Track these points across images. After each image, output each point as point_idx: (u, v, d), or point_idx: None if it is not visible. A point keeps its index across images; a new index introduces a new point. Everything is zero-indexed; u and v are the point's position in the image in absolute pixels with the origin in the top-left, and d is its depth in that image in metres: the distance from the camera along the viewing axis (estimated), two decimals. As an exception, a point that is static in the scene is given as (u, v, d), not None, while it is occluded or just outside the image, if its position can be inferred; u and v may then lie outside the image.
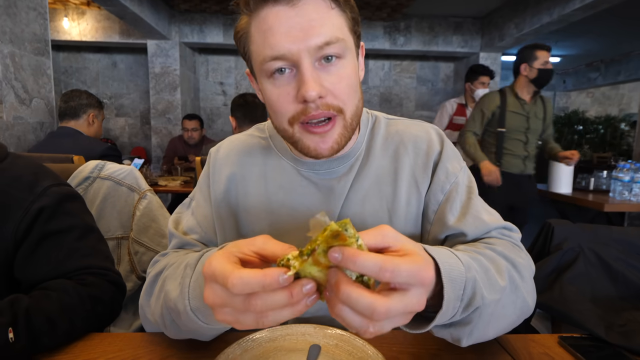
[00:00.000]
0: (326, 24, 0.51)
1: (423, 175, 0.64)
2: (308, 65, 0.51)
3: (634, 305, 0.71)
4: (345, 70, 0.54)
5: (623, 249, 0.79)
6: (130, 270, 1.12)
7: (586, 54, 7.70)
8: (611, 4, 3.70)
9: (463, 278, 0.43)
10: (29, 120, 2.05)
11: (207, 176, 0.69)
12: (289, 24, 0.51)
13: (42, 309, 0.57)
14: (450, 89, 6.54)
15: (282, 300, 0.34)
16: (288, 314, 0.35)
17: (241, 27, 0.56)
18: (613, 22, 5.46)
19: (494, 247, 0.54)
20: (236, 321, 0.37)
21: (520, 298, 0.51)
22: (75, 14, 5.13)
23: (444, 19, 5.47)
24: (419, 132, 0.67)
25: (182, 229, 0.67)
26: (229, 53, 6.21)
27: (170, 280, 0.53)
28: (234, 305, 0.36)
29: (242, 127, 2.19)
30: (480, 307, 0.45)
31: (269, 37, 0.51)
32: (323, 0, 0.52)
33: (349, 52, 0.55)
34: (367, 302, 0.32)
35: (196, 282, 0.48)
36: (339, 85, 0.53)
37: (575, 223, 0.84)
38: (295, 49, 0.51)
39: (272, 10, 0.51)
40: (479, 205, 0.61)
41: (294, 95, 0.53)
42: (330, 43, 0.51)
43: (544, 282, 0.76)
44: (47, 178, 0.72)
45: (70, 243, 0.69)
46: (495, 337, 0.53)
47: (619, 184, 2.32)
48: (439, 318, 0.42)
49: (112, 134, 6.40)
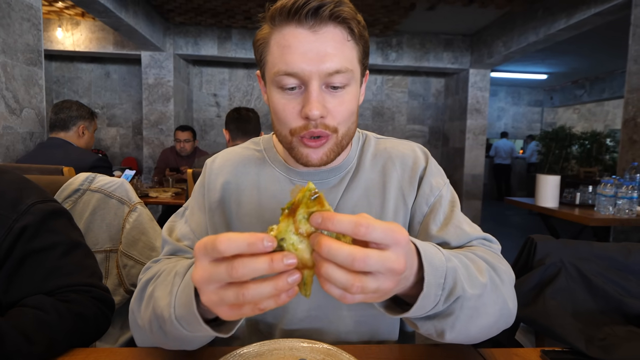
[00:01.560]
0: (339, 54, 0.57)
1: (409, 189, 0.68)
2: (316, 87, 0.57)
3: (614, 320, 0.73)
4: (347, 97, 0.59)
5: (603, 264, 0.81)
6: (119, 284, 1.11)
7: (572, 71, 7.93)
8: (594, 25, 3.84)
9: (444, 267, 0.46)
10: (18, 130, 2.04)
11: (202, 185, 0.71)
12: (307, 47, 0.56)
13: (17, 325, 0.56)
14: (441, 103, 6.67)
15: (263, 266, 0.35)
16: (269, 289, 0.36)
17: (262, 35, 0.61)
18: (597, 42, 5.66)
19: (475, 252, 0.58)
20: (219, 300, 0.38)
21: (501, 299, 0.53)
22: (70, 24, 5.15)
23: (434, 36, 5.61)
24: (406, 149, 0.72)
25: (176, 235, 0.68)
26: (223, 65, 6.26)
27: (159, 288, 0.54)
28: (218, 275, 0.37)
29: (236, 140, 2.21)
30: (462, 297, 0.47)
31: (286, 54, 0.56)
32: (341, 32, 0.57)
33: (354, 82, 0.60)
34: (346, 251, 0.35)
35: (183, 292, 0.48)
36: (339, 108, 0.59)
37: (559, 238, 0.87)
38: (308, 71, 0.56)
39: (294, 31, 0.56)
40: (461, 218, 0.66)
41: (299, 111, 0.58)
42: (339, 72, 0.57)
43: (527, 297, 0.78)
44: (32, 195, 0.71)
45: (54, 261, 0.68)
46: (476, 337, 0.53)
47: (603, 199, 2.37)
48: (420, 301, 0.44)
49: (104, 144, 6.36)
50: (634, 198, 2.28)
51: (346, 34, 0.58)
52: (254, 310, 0.38)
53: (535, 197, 2.67)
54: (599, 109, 9.86)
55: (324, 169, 0.68)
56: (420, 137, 6.68)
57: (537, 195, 2.63)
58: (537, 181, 2.66)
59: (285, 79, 0.57)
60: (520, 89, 9.71)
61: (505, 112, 9.75)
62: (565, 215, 2.42)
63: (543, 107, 9.97)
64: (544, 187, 2.59)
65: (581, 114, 10.14)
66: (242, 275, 0.36)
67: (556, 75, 8.18)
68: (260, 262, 0.35)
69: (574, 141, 7.98)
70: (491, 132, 9.59)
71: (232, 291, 0.37)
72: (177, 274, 0.52)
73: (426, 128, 6.68)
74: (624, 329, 0.71)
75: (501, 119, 9.76)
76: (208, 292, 0.39)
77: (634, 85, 2.90)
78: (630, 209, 2.29)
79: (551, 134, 8.33)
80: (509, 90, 9.65)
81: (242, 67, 6.30)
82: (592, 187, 2.65)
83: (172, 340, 0.53)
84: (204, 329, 0.46)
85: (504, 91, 9.62)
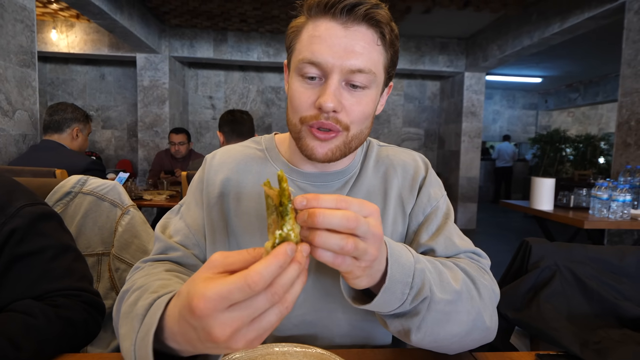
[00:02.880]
0: (366, 54, 0.57)
1: (409, 196, 0.69)
2: (336, 81, 0.57)
3: (608, 323, 0.73)
4: (365, 98, 0.59)
5: (598, 267, 0.81)
6: (111, 288, 1.10)
7: (566, 75, 8.00)
8: (587, 29, 3.88)
9: (411, 267, 0.48)
10: (11, 132, 2.02)
11: (201, 181, 0.70)
12: (336, 41, 0.56)
13: (4, 331, 0.55)
14: (436, 106, 6.70)
15: (295, 272, 0.35)
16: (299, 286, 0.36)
17: (296, 24, 0.62)
18: (591, 45, 5.72)
19: (457, 263, 0.59)
20: (258, 334, 0.35)
21: (475, 310, 0.53)
22: (64, 26, 5.12)
23: (430, 39, 5.64)
24: (407, 158, 0.73)
25: (169, 232, 0.67)
26: (219, 68, 6.25)
27: (124, 322, 0.49)
28: (257, 306, 0.34)
29: (230, 141, 2.21)
30: (429, 299, 0.49)
31: (315, 43, 0.57)
32: (372, 35, 0.58)
33: (375, 86, 0.60)
34: (339, 214, 0.38)
35: (142, 341, 0.43)
36: (355, 107, 0.59)
37: (554, 241, 0.87)
38: (331, 63, 0.56)
39: (327, 24, 0.57)
40: (453, 230, 0.66)
41: (314, 101, 0.58)
42: (362, 71, 0.57)
43: (522, 300, 0.77)
44: (21, 198, 0.70)
45: (43, 265, 0.67)
46: (446, 343, 0.53)
47: (597, 202, 2.38)
48: (383, 293, 0.46)
49: (98, 146, 6.32)
50: (628, 201, 2.30)
51: (377, 38, 0.58)
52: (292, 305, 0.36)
53: (530, 199, 2.68)
54: (593, 112, 9.95)
55: (328, 171, 0.68)
56: (416, 140, 6.70)
57: (532, 198, 2.64)
58: (532, 184, 2.67)
59: (307, 67, 0.57)
60: (515, 92, 9.78)
61: (500, 115, 9.82)
62: (559, 218, 2.43)
63: (538, 110, 10.04)
64: (538, 190, 2.60)
65: (575, 117, 10.23)
66: (286, 296, 0.35)
67: (551, 78, 8.26)
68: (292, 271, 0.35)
69: (569, 144, 8.05)
70: (487, 135, 9.65)
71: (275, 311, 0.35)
72: (136, 317, 0.47)
73: (422, 131, 6.71)
74: (618, 332, 0.70)
75: (496, 122, 9.82)
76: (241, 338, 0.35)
77: (628, 88, 2.92)
78: (624, 212, 2.31)
79: (546, 137, 8.39)
80: (504, 94, 9.72)
81: (238, 70, 6.29)
82: (587, 190, 2.67)
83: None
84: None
85: (499, 94, 9.69)
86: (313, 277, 0.64)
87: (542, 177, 2.64)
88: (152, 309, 0.45)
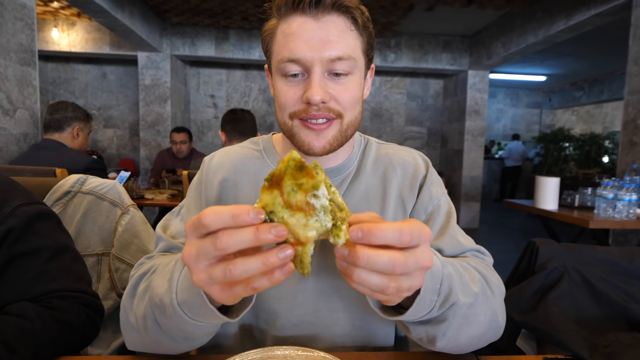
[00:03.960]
0: (342, 42, 0.57)
1: (409, 196, 0.68)
2: (318, 73, 0.57)
3: (618, 327, 0.71)
4: (350, 84, 0.60)
5: (607, 269, 0.79)
6: (111, 288, 1.08)
7: (571, 73, 7.95)
8: (593, 26, 3.84)
9: (440, 273, 0.47)
10: (12, 131, 2.01)
11: (200, 182, 0.70)
12: (310, 34, 0.57)
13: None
14: (439, 105, 6.66)
15: (248, 236, 0.34)
16: (258, 265, 0.35)
17: (269, 27, 0.63)
18: (596, 43, 5.67)
19: (469, 262, 0.59)
20: (209, 278, 0.37)
21: (491, 310, 0.54)
22: (65, 24, 5.12)
23: (433, 37, 5.60)
24: (407, 156, 0.72)
25: (171, 232, 0.67)
26: (221, 66, 6.24)
27: (158, 277, 0.52)
28: (205, 249, 0.36)
29: (232, 140, 2.21)
30: (456, 304, 0.48)
31: (290, 41, 0.58)
32: (344, 21, 0.58)
33: (358, 71, 0.61)
34: (386, 258, 0.35)
35: (186, 276, 0.47)
36: (343, 94, 0.59)
37: (560, 241, 0.85)
38: (310, 57, 0.56)
39: (298, 20, 0.58)
40: (456, 229, 0.66)
41: (300, 96, 0.58)
42: (342, 59, 0.57)
43: (528, 302, 0.76)
44: (18, 197, 0.69)
45: (39, 265, 0.66)
46: (464, 346, 0.53)
47: (602, 201, 2.36)
48: (416, 304, 0.45)
49: (100, 145, 6.33)
50: (634, 200, 2.27)
51: (349, 23, 0.59)
52: (246, 289, 0.37)
53: (534, 199, 2.66)
54: (597, 110, 9.88)
55: (324, 169, 0.66)
56: (419, 138, 6.67)
57: (536, 197, 2.62)
58: (536, 183, 2.64)
59: (288, 65, 0.58)
60: (519, 90, 9.73)
61: (504, 113, 9.76)
62: (564, 217, 2.41)
63: (542, 109, 9.98)
64: (543, 189, 2.57)
65: (580, 115, 10.16)
66: (226, 245, 0.35)
67: (555, 76, 8.20)
68: (245, 232, 0.34)
69: (573, 143, 7.99)
70: (490, 134, 9.60)
71: (220, 267, 0.36)
72: (178, 262, 0.50)
73: (424, 130, 6.68)
74: (628, 335, 0.69)
75: (500, 120, 9.77)
76: (198, 270, 0.38)
77: (634, 87, 2.89)
78: (630, 211, 2.28)
79: (550, 136, 8.33)
80: (507, 92, 9.67)
81: (240, 69, 6.28)
82: (592, 189, 2.64)
83: (168, 335, 0.51)
84: (210, 311, 0.44)
85: (502, 93, 9.64)
86: (314, 277, 0.64)
87: (547, 177, 2.61)
88: None
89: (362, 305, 0.64)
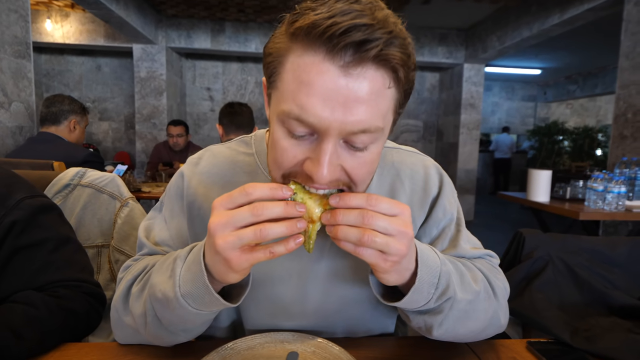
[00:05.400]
0: (373, 107, 0.43)
1: (419, 212, 0.64)
2: (332, 145, 0.43)
3: (598, 312, 0.75)
4: (370, 156, 0.46)
5: (590, 257, 0.83)
6: (110, 279, 1.11)
7: (565, 67, 7.98)
8: (587, 20, 3.86)
9: (438, 268, 0.50)
10: (7, 124, 2.01)
11: (181, 188, 0.64)
12: (333, 91, 0.41)
13: (6, 322, 0.56)
14: (435, 98, 6.68)
15: (279, 208, 0.43)
16: (283, 229, 0.43)
17: (276, 50, 0.46)
18: (590, 37, 5.69)
19: (474, 263, 0.62)
20: (237, 239, 0.43)
21: (492, 309, 0.57)
22: (59, 16, 5.06)
23: (429, 30, 5.60)
24: (415, 165, 0.65)
25: (154, 239, 0.65)
26: (217, 59, 6.20)
27: (157, 274, 0.53)
28: (239, 216, 0.43)
29: (229, 134, 2.22)
30: (452, 299, 0.51)
31: (303, 94, 0.42)
32: (382, 77, 0.42)
33: (383, 137, 0.47)
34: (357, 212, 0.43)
35: (187, 271, 0.49)
36: (358, 171, 0.46)
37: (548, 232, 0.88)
38: (327, 122, 0.42)
39: (321, 65, 0.41)
40: (465, 236, 0.65)
41: (302, 160, 0.45)
42: (366, 132, 0.43)
43: (514, 290, 0.79)
44: (21, 190, 0.71)
45: (43, 256, 0.68)
46: (464, 337, 0.57)
47: (593, 193, 2.40)
48: (412, 293, 0.49)
49: (95, 138, 6.29)
50: (623, 192, 2.32)
51: (388, 80, 0.43)
52: (265, 253, 0.44)
53: (526, 191, 2.70)
54: (591, 104, 9.94)
55: None
56: (415, 132, 6.70)
57: (529, 189, 2.66)
58: (528, 176, 2.68)
59: (295, 124, 0.43)
60: (514, 84, 9.76)
61: (499, 107, 9.80)
62: (555, 209, 2.45)
63: (536, 102, 10.03)
64: (535, 182, 2.61)
65: (574, 109, 10.23)
66: (261, 212, 0.42)
67: (550, 70, 8.23)
68: (277, 205, 0.43)
69: (566, 136, 8.05)
70: (485, 127, 9.64)
71: (250, 229, 0.42)
72: (179, 257, 0.52)
73: (420, 123, 6.70)
74: (607, 320, 0.72)
75: (495, 113, 9.81)
76: (225, 234, 0.43)
77: (626, 81, 2.92)
78: (619, 203, 2.33)
79: (544, 129, 8.39)
80: (503, 85, 9.69)
81: (236, 61, 6.24)
82: (583, 182, 2.68)
83: (168, 329, 0.53)
84: (214, 299, 0.48)
85: (498, 86, 9.66)
86: (321, 287, 0.63)
87: (539, 169, 2.65)
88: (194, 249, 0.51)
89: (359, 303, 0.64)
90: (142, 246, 0.66)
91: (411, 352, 0.60)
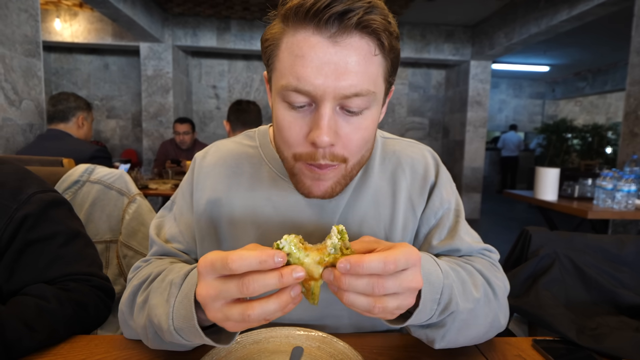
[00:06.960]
0: (362, 72, 0.48)
1: (419, 199, 0.65)
2: (329, 109, 0.49)
3: (606, 310, 0.74)
4: (365, 122, 0.51)
5: (597, 255, 0.82)
6: (119, 274, 1.12)
7: (574, 63, 7.87)
8: (597, 16, 3.80)
9: (441, 284, 0.48)
10: (18, 122, 2.04)
11: (190, 184, 0.67)
12: (324, 60, 0.47)
13: (18, 314, 0.57)
14: (441, 95, 6.63)
15: (273, 281, 0.37)
16: (274, 307, 0.38)
17: (272, 35, 0.52)
18: (600, 33, 5.60)
19: (473, 264, 0.59)
20: (225, 317, 0.40)
21: (492, 312, 0.55)
22: (67, 15, 5.11)
23: (435, 27, 5.56)
24: (416, 154, 0.67)
25: (164, 236, 0.66)
26: (223, 57, 6.22)
27: (155, 295, 0.52)
28: (227, 292, 0.38)
29: (235, 131, 2.24)
30: (455, 312, 0.50)
31: (298, 66, 0.48)
32: (367, 45, 0.48)
33: (375, 104, 0.52)
34: (365, 281, 0.38)
35: (181, 304, 0.47)
36: (354, 136, 0.51)
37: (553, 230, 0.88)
38: (322, 89, 0.47)
39: (311, 38, 0.47)
40: (464, 229, 0.65)
41: (306, 133, 0.51)
42: (359, 95, 0.48)
43: (520, 287, 0.79)
44: (32, 185, 0.72)
45: (54, 250, 0.69)
46: (465, 344, 0.56)
47: (602, 192, 2.37)
48: (415, 316, 0.46)
49: (103, 135, 6.35)
50: (633, 191, 2.28)
51: (373, 47, 0.49)
52: (260, 322, 0.40)
53: (534, 189, 2.67)
54: (601, 101, 9.80)
55: None
56: (420, 129, 6.66)
57: (536, 188, 2.63)
58: (536, 174, 2.65)
59: (294, 95, 0.49)
60: (521, 81, 9.65)
61: (506, 104, 9.70)
62: (563, 208, 2.43)
63: (545, 100, 9.91)
64: (543, 180, 2.59)
65: (583, 106, 10.09)
66: (253, 291, 0.37)
67: (558, 67, 8.12)
68: (270, 278, 0.38)
69: (575, 134, 7.96)
70: (492, 125, 9.56)
71: (238, 310, 0.39)
72: (174, 284, 0.50)
73: (426, 120, 6.66)
74: (615, 319, 0.72)
75: (502, 111, 9.71)
76: (214, 309, 0.40)
77: (636, 77, 2.88)
78: (629, 202, 2.30)
79: (552, 127, 8.29)
80: (510, 82, 9.59)
81: (242, 59, 6.26)
82: (592, 180, 2.65)
83: (169, 345, 0.53)
84: (205, 341, 0.46)
85: (505, 83, 9.56)
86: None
87: (547, 167, 2.63)
88: (189, 276, 0.50)
89: None
90: (152, 244, 0.67)
91: (416, 349, 0.60)
